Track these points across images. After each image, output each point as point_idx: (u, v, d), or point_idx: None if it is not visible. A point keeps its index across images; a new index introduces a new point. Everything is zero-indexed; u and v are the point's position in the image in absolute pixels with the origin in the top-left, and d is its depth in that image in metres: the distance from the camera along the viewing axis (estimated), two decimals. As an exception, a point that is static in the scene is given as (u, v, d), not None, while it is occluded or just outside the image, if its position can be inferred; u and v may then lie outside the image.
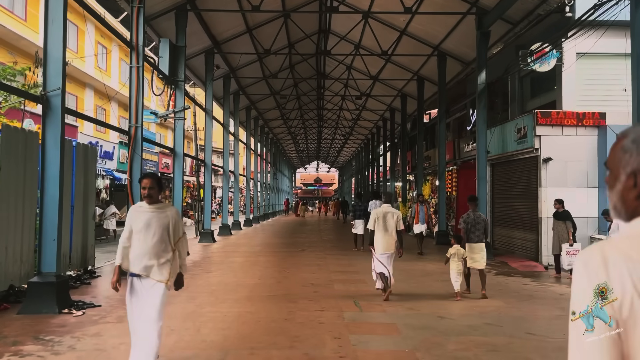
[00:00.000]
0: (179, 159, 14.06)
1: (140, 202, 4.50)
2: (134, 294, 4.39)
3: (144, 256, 4.31)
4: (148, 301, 4.35)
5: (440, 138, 18.31)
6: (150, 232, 4.32)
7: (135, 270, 4.34)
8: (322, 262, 12.45)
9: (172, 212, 4.48)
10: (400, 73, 22.28)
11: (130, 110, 10.65)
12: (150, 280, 4.36)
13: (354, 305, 7.45)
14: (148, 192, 4.36)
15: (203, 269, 11.11)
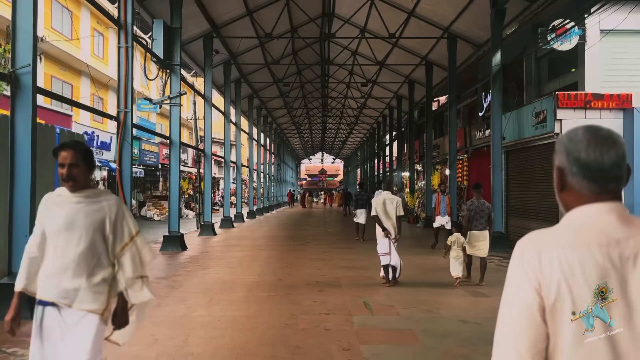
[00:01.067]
0: (175, 147, 13.26)
1: (60, 188, 2.87)
2: (45, 335, 2.69)
3: (63, 274, 2.70)
4: (71, 346, 2.65)
5: (451, 125, 17.43)
6: (74, 236, 2.73)
7: (49, 297, 2.69)
8: (327, 257, 11.66)
9: (109, 204, 2.84)
10: (408, 58, 21.34)
11: (119, 94, 9.85)
12: (74, 311, 2.69)
13: (364, 307, 6.65)
14: (68, 172, 2.72)
15: (199, 265, 10.34)
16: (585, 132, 1.31)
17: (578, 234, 1.24)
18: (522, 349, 1.21)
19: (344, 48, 23.03)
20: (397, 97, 27.99)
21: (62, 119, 17.79)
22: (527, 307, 1.22)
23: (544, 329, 1.21)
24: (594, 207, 1.27)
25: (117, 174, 9.77)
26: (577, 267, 1.20)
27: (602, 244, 1.21)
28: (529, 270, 1.23)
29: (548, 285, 1.20)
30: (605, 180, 1.27)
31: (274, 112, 35.84)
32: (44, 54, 19.26)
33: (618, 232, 1.23)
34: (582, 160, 1.28)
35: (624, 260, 1.20)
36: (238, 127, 23.99)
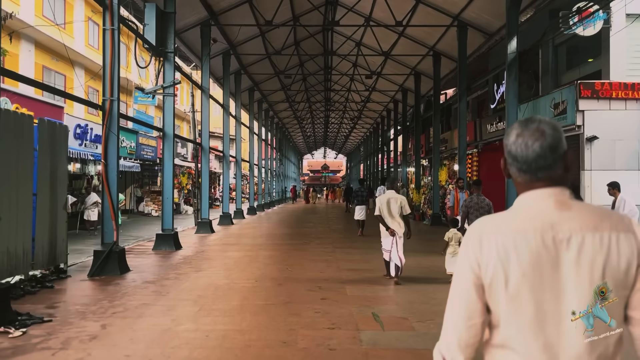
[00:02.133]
0: (169, 140, 12.45)
1: None
2: None
3: None
4: None
5: (461, 118, 16.58)
6: None
7: None
8: (330, 257, 10.85)
9: None
10: (415, 48, 20.46)
11: (104, 81, 9.02)
12: None
13: (373, 320, 5.84)
14: None
15: (193, 267, 9.55)
16: (517, 126, 1.42)
17: (516, 220, 1.33)
18: (458, 321, 1.36)
19: (348, 38, 22.19)
20: (403, 90, 27.10)
21: (53, 111, 16.97)
22: (465, 286, 1.36)
23: (479, 305, 1.34)
24: (533, 193, 1.37)
25: (102, 168, 8.96)
26: (512, 250, 1.29)
27: (537, 228, 1.30)
28: (470, 252, 1.36)
29: (486, 266, 1.31)
30: (532, 170, 1.37)
31: (275, 106, 34.99)
32: (35, 43, 18.48)
33: (554, 216, 1.31)
34: (512, 153, 1.40)
35: (558, 243, 1.28)
36: (238, 120, 23.17)
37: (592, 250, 1.27)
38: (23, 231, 7.90)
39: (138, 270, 9.13)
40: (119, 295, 7.07)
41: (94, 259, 8.77)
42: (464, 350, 1.36)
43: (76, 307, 6.41)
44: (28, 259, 8.07)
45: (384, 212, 8.09)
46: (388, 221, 8.09)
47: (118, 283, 8.01)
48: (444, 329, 1.40)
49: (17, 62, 17.52)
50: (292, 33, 20.79)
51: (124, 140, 22.22)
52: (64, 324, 5.64)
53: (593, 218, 1.31)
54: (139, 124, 13.75)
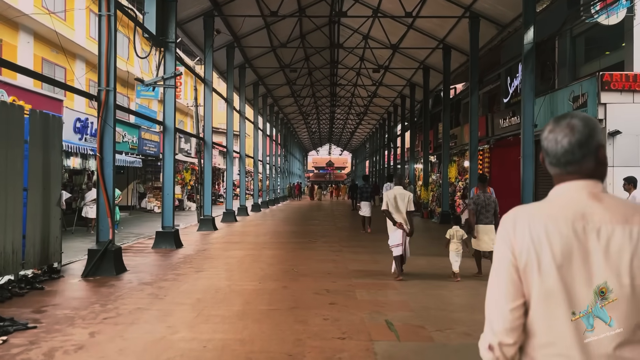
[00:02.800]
0: (169, 134, 11.96)
1: None
2: None
3: None
4: None
5: (472, 112, 15.99)
6: None
7: None
8: (338, 258, 10.35)
9: None
10: (424, 41, 19.88)
11: (100, 70, 8.54)
12: None
13: (387, 329, 5.33)
14: None
15: (193, 267, 9.06)
16: (551, 122, 1.47)
17: (550, 208, 1.38)
18: (502, 305, 1.36)
19: (355, 31, 21.59)
20: (410, 85, 26.49)
21: (52, 104, 16.51)
22: (505, 267, 1.38)
23: (520, 286, 1.36)
24: (568, 185, 1.42)
25: (97, 162, 8.47)
26: (544, 236, 1.33)
27: (568, 217, 1.34)
28: (505, 236, 1.40)
29: (520, 251, 1.36)
30: (561, 164, 1.42)
31: (280, 101, 34.45)
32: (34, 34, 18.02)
33: (585, 207, 1.35)
34: (544, 148, 1.47)
35: (588, 232, 1.31)
36: (242, 115, 22.66)
37: (621, 242, 1.30)
38: (12, 228, 7.44)
39: (135, 271, 8.65)
40: (112, 299, 6.59)
41: (88, 259, 8.30)
42: (511, 334, 1.36)
43: (65, 311, 5.93)
44: (18, 258, 7.61)
45: (391, 207, 8.05)
46: (395, 216, 8.02)
47: (113, 284, 7.53)
48: (488, 315, 1.40)
49: (15, 53, 17.07)
50: (297, 25, 20.24)
51: (125, 135, 21.78)
52: (50, 331, 5.16)
53: (624, 211, 1.34)
54: (138, 116, 13.25)
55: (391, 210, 8.05)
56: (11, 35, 16.99)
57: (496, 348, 1.36)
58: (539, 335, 1.34)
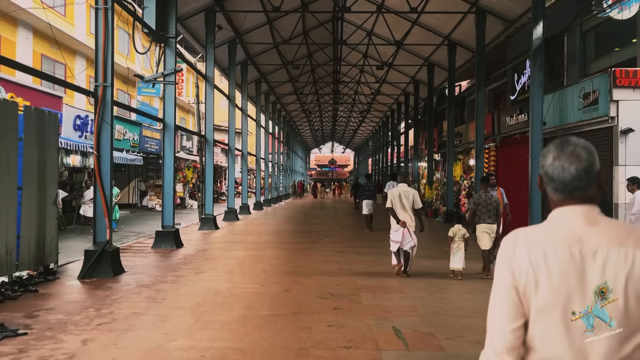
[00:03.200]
0: (169, 131, 11.70)
1: None
2: None
3: None
4: None
5: (479, 110, 15.70)
6: None
7: None
8: (342, 258, 10.08)
9: None
10: (429, 37, 19.58)
11: (97, 65, 8.27)
12: None
13: (395, 336, 5.07)
14: None
15: (193, 268, 8.80)
16: (553, 149, 1.49)
17: (548, 232, 1.43)
18: (503, 325, 1.41)
19: (359, 27, 21.30)
20: (414, 82, 26.19)
21: (52, 101, 16.28)
22: (506, 289, 1.42)
23: (520, 307, 1.40)
24: (565, 209, 1.46)
25: (94, 160, 8.21)
26: (542, 259, 1.38)
27: (565, 241, 1.39)
28: (506, 259, 1.44)
29: (519, 273, 1.40)
30: (567, 190, 1.45)
31: (283, 99, 34.17)
32: (33, 30, 17.77)
33: (582, 231, 1.40)
34: (549, 174, 1.48)
35: (584, 255, 1.37)
36: (244, 112, 22.41)
37: (617, 263, 1.35)
38: (6, 228, 7.19)
39: (133, 272, 8.40)
40: (108, 302, 6.34)
41: (84, 260, 8.05)
42: (512, 353, 1.40)
43: (58, 316, 5.68)
44: (12, 259, 7.37)
45: (396, 205, 8.03)
46: (399, 214, 8.01)
47: (110, 287, 7.28)
48: (490, 334, 1.45)
49: (14, 50, 16.83)
50: (300, 21, 19.93)
51: (126, 132, 21.55)
52: (41, 338, 4.91)
53: (619, 234, 1.39)
54: (138, 113, 12.96)
55: (396, 208, 8.02)
56: (10, 31, 16.74)
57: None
58: (538, 350, 1.39)
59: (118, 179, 24.41)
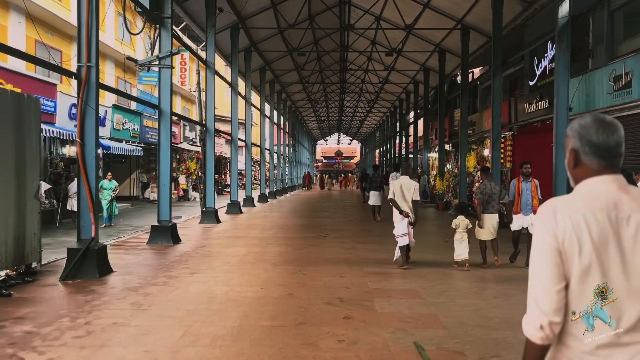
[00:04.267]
0: (165, 118, 10.91)
1: None
2: None
3: None
4: None
5: (495, 97, 14.74)
6: None
7: None
8: (351, 256, 9.28)
9: None
10: (441, 21, 18.61)
11: (80, 43, 7.47)
12: None
13: (418, 355, 4.27)
14: None
15: (188, 268, 8.03)
16: (594, 120, 1.57)
17: (586, 200, 1.51)
18: (548, 287, 1.47)
19: (366, 12, 20.32)
20: (425, 70, 25.19)
21: (45, 88, 15.55)
22: (550, 252, 1.47)
23: (562, 269, 1.47)
24: (599, 178, 1.54)
25: (77, 149, 7.43)
26: (584, 224, 1.45)
27: (603, 207, 1.47)
28: (547, 225, 1.49)
29: (562, 237, 1.46)
30: (611, 156, 1.54)
31: (288, 88, 33.27)
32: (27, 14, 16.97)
33: (616, 197, 1.49)
34: (594, 142, 1.54)
35: (620, 220, 1.46)
36: (248, 101, 21.56)
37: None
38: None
39: (122, 272, 7.64)
40: (86, 310, 5.57)
41: (67, 259, 7.30)
42: (559, 313, 1.46)
43: (26, 327, 4.92)
44: (-14, 258, 6.64)
45: (398, 197, 8.09)
46: (401, 205, 8.07)
47: (92, 290, 6.52)
48: (535, 297, 1.49)
49: (6, 34, 16.06)
50: (306, 5, 19.00)
51: (125, 122, 20.81)
52: None
53: None
54: (129, 98, 12.12)
55: (398, 199, 8.08)
56: (2, 16, 15.98)
57: (546, 327, 1.46)
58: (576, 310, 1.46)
59: (118, 170, 23.71)
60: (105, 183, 15.05)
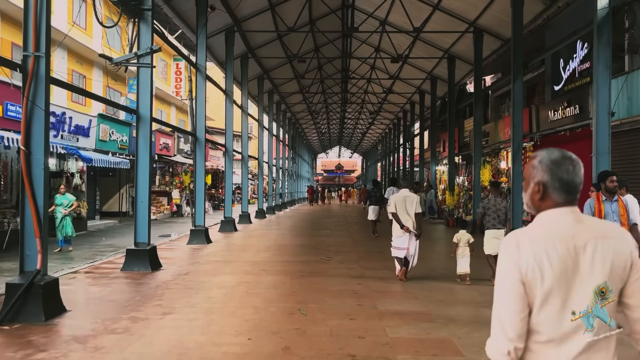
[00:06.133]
0: (144, 124, 9.45)
1: None
2: None
3: None
4: None
5: (516, 103, 13.22)
6: None
7: None
8: (360, 287, 7.76)
9: None
10: (451, 24, 17.29)
11: (27, 28, 6.02)
12: None
13: None
14: None
15: (161, 305, 6.50)
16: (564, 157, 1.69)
17: (546, 231, 1.64)
18: (513, 315, 1.59)
19: (369, 15, 18.97)
20: (432, 78, 23.82)
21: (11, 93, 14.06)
22: (514, 282, 1.60)
23: (526, 299, 1.59)
24: (559, 211, 1.67)
25: (22, 159, 5.94)
26: (544, 255, 1.58)
27: (562, 238, 1.61)
28: (510, 256, 1.62)
29: (525, 268, 1.59)
30: (575, 192, 1.68)
31: (288, 98, 31.91)
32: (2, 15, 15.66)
33: (573, 229, 1.63)
34: (564, 179, 1.67)
35: (577, 249, 1.60)
36: (244, 110, 20.16)
37: (602, 253, 1.60)
38: None
39: (79, 311, 6.14)
40: (5, 377, 4.06)
41: (5, 297, 5.78)
42: (522, 339, 1.59)
43: None
44: None
45: (400, 210, 8.09)
46: (403, 219, 8.06)
47: (30, 341, 5.00)
48: (500, 326, 1.61)
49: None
50: (306, 7, 17.68)
51: (113, 132, 19.38)
52: None
53: (600, 229, 1.66)
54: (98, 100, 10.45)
55: (400, 213, 8.07)
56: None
57: (512, 352, 1.58)
58: (543, 333, 1.59)
59: (107, 184, 22.25)
60: (57, 197, 12.74)
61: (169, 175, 27.19)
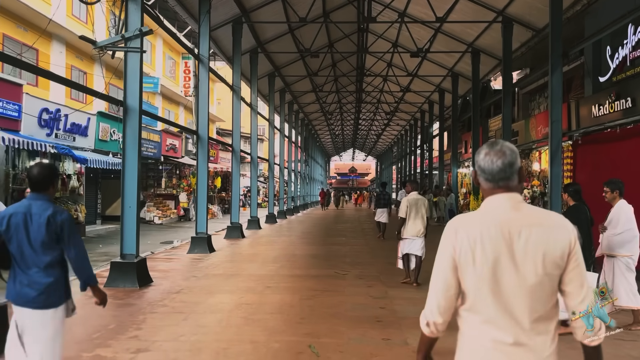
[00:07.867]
0: (132, 117, 8.21)
1: None
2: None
3: None
4: None
5: (554, 96, 11.72)
6: None
7: None
8: (384, 312, 6.40)
9: None
10: (477, 13, 15.87)
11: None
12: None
13: None
14: None
15: (137, 338, 5.20)
16: (485, 147, 1.88)
17: (482, 215, 1.80)
18: (438, 292, 1.82)
19: (386, 6, 17.59)
20: (453, 75, 22.36)
21: (8, 89, 12.98)
22: (444, 266, 1.81)
23: (453, 280, 1.79)
24: (496, 197, 1.82)
25: None
26: (479, 239, 1.74)
27: (497, 223, 1.75)
28: (448, 238, 1.82)
29: (460, 250, 1.77)
30: (495, 179, 1.83)
31: (300, 98, 30.63)
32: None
33: (509, 215, 1.76)
34: (482, 167, 1.86)
35: (512, 234, 1.72)
36: (254, 108, 18.92)
37: (536, 240, 1.72)
38: None
39: (28, 348, 4.83)
40: None
41: None
42: (443, 314, 1.81)
43: None
44: None
45: (412, 213, 8.20)
46: (413, 222, 8.18)
47: None
48: (428, 298, 1.85)
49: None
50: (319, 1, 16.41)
51: (114, 132, 18.24)
52: None
53: (538, 216, 1.77)
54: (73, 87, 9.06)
55: (410, 216, 8.19)
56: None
57: (431, 324, 1.83)
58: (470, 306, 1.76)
59: (109, 186, 21.13)
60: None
61: (176, 177, 26.06)
